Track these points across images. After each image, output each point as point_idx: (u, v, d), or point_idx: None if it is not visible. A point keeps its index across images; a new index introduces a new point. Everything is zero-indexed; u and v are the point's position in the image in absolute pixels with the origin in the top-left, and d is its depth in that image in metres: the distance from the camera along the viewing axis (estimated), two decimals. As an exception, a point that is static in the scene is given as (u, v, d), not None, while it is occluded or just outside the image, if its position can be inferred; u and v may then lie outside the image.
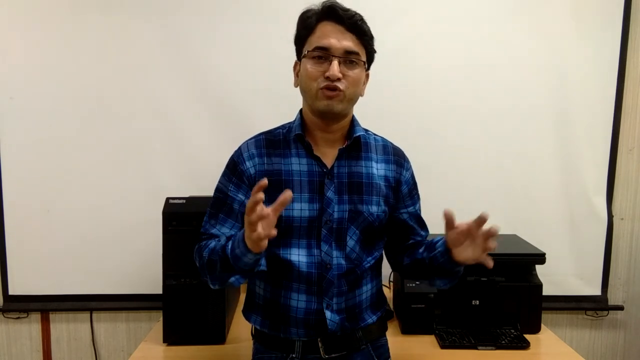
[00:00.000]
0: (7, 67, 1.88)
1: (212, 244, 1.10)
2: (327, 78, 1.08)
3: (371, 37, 1.14)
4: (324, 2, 1.12)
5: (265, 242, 0.94)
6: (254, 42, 1.89)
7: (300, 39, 1.15)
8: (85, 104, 1.90)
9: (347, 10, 1.10)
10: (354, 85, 1.11)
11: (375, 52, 1.18)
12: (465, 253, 1.07)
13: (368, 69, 1.18)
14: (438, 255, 1.13)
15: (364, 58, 1.13)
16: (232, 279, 1.04)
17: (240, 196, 1.15)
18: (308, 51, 1.11)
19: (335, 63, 1.08)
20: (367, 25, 1.12)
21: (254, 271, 1.04)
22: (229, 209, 1.15)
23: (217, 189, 1.19)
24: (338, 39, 1.08)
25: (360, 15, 1.12)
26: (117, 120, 1.91)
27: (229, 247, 1.02)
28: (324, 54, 1.09)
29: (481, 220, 1.03)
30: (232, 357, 1.49)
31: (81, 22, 1.87)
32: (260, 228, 0.92)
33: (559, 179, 1.99)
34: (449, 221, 1.06)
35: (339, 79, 1.08)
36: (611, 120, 1.98)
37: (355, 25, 1.10)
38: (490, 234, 1.03)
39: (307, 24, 1.13)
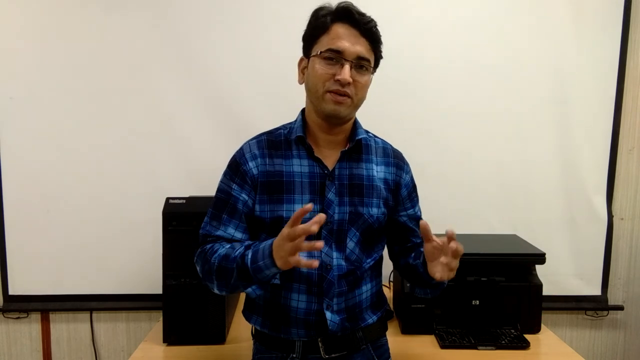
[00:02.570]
0: (7, 67, 1.88)
1: (221, 249, 1.09)
2: (337, 82, 1.07)
3: (381, 43, 1.14)
4: (339, 2, 1.10)
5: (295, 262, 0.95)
6: (254, 42, 1.89)
7: (312, 37, 1.12)
8: (85, 104, 1.90)
9: (363, 14, 1.09)
10: (362, 92, 1.11)
11: (382, 57, 1.17)
12: (435, 268, 1.07)
13: (373, 73, 1.18)
14: (419, 265, 1.15)
15: (373, 64, 1.12)
16: (249, 290, 1.06)
17: (244, 196, 1.14)
18: (320, 52, 1.09)
19: (347, 67, 1.07)
20: (379, 33, 1.12)
21: (269, 283, 1.05)
22: (232, 209, 1.15)
23: (219, 189, 1.18)
24: (352, 43, 1.07)
25: (375, 22, 1.11)
26: (117, 120, 1.91)
27: (249, 257, 1.01)
28: (335, 57, 1.08)
29: (449, 236, 1.01)
30: (232, 357, 1.49)
31: (81, 22, 1.87)
32: (304, 261, 0.94)
33: (559, 179, 1.99)
34: (425, 233, 1.05)
35: (349, 84, 1.07)
36: (611, 120, 1.99)
37: (370, 32, 1.09)
38: (456, 252, 1.01)
39: (320, 23, 1.10)
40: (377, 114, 1.79)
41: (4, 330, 2.03)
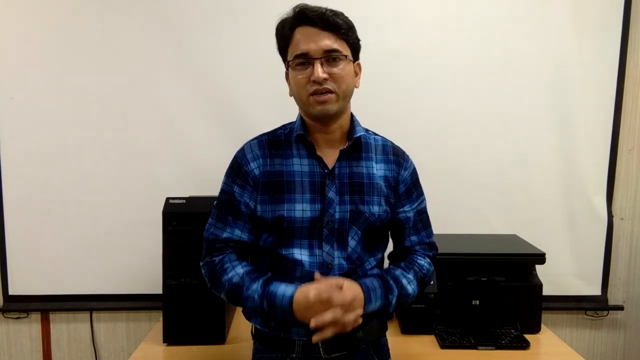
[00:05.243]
0: (7, 67, 1.88)
1: (231, 273, 1.11)
2: (314, 82, 1.08)
3: (349, 28, 1.12)
4: (294, 7, 1.12)
5: None
6: (255, 42, 1.88)
7: (282, 51, 1.16)
8: (85, 104, 1.90)
9: (317, 10, 1.09)
10: (342, 82, 1.11)
11: (359, 40, 1.16)
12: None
13: (357, 59, 1.18)
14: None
15: (346, 52, 1.11)
16: (272, 324, 1.13)
17: (246, 198, 1.15)
18: (290, 61, 1.12)
19: (317, 66, 1.08)
20: (340, 18, 1.11)
21: None
22: (236, 211, 1.15)
23: (222, 191, 1.18)
24: (315, 42, 1.08)
25: (331, 11, 1.10)
26: (117, 120, 1.91)
27: (265, 306, 1.07)
28: (305, 60, 1.09)
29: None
30: (232, 357, 1.49)
31: (82, 23, 1.87)
32: (330, 332, 1.00)
33: (559, 179, 1.99)
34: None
35: (325, 80, 1.08)
36: (611, 120, 1.98)
37: (328, 22, 1.09)
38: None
39: (283, 35, 1.14)
40: (377, 114, 1.80)
41: (4, 330, 2.03)
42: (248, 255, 1.21)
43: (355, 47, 1.16)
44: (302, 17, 1.10)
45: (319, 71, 1.07)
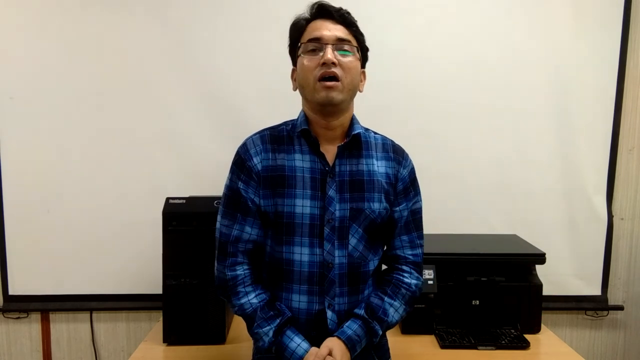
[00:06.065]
0: (7, 67, 1.88)
1: (243, 298, 1.14)
2: (323, 65, 1.10)
3: (360, 33, 1.17)
4: (311, 5, 1.16)
5: None
6: (254, 42, 1.89)
7: (294, 43, 1.18)
8: (85, 104, 1.90)
9: (333, 6, 1.15)
10: (350, 73, 1.12)
11: (367, 49, 1.20)
12: None
13: (363, 66, 1.20)
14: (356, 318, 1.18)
15: (355, 44, 1.15)
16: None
17: (251, 194, 1.16)
18: (302, 44, 1.14)
19: (328, 49, 1.10)
20: (354, 19, 1.17)
21: None
22: (244, 207, 1.16)
23: (228, 187, 1.19)
24: (329, 29, 1.13)
25: (347, 10, 1.16)
26: (117, 120, 1.91)
27: (274, 351, 1.12)
28: (317, 46, 1.12)
29: None
30: (232, 357, 1.49)
31: (81, 22, 1.87)
32: None
33: (559, 179, 1.99)
34: None
35: (334, 64, 1.10)
36: (611, 120, 1.98)
37: (343, 17, 1.14)
38: None
39: (297, 27, 1.17)
40: (378, 114, 1.80)
41: (4, 330, 2.03)
42: (258, 258, 1.20)
43: (363, 50, 1.19)
44: (320, 10, 1.15)
45: (329, 53, 1.10)
